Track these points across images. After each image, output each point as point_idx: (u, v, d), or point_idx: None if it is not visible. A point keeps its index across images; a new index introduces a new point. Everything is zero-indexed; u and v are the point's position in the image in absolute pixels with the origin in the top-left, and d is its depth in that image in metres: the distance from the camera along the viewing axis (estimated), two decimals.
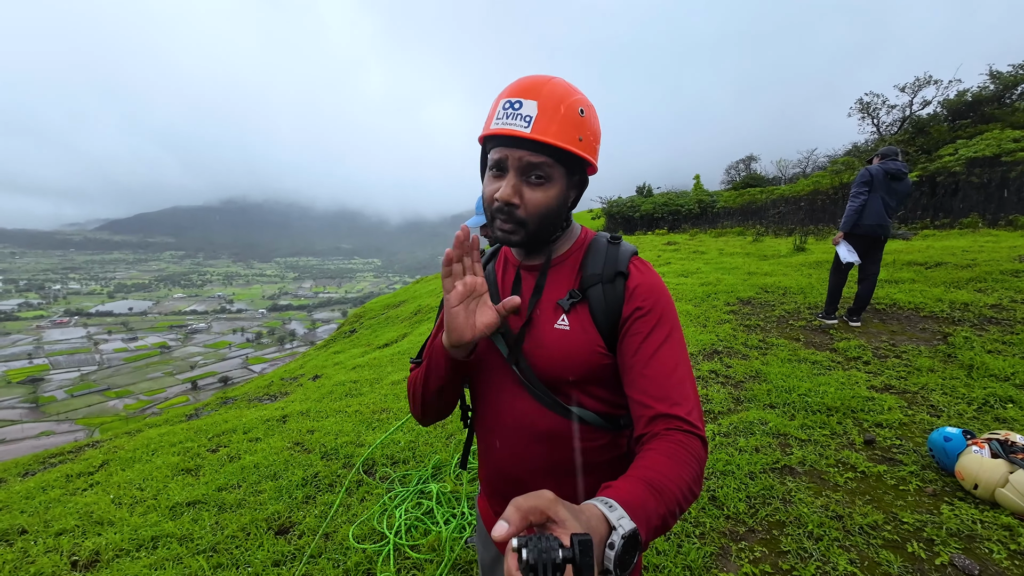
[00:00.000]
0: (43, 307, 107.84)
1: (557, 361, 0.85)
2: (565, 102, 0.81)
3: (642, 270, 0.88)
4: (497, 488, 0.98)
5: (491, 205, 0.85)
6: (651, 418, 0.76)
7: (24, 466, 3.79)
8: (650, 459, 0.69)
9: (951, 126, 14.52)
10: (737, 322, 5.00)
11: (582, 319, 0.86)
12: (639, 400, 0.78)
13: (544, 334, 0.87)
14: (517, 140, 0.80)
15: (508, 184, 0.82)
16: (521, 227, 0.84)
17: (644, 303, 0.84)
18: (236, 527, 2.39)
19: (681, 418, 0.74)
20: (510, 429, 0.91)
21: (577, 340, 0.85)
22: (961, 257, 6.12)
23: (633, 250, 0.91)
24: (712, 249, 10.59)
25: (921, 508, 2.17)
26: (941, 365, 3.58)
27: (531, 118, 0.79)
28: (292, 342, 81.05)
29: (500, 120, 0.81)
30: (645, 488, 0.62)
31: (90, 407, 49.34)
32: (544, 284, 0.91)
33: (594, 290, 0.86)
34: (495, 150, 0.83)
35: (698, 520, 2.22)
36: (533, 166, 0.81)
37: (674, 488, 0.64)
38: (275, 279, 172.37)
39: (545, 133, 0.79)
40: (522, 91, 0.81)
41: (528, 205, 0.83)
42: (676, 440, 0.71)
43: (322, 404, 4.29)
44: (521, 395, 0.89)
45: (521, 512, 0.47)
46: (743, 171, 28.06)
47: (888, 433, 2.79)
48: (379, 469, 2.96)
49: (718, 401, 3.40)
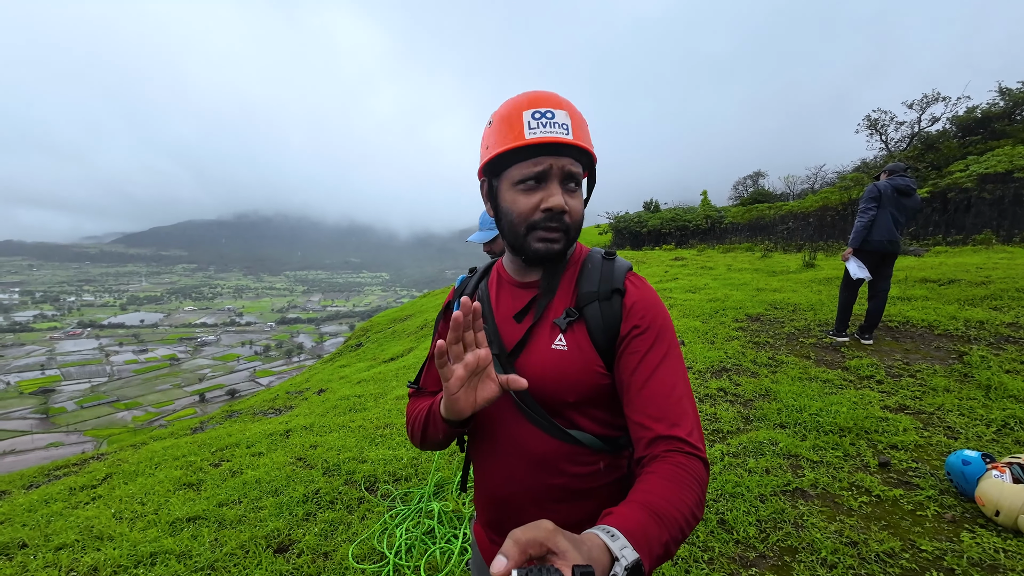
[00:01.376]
0: (57, 319, 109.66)
1: (555, 383, 0.83)
2: (579, 113, 0.84)
3: (639, 286, 0.87)
4: (493, 515, 0.95)
5: (530, 217, 0.82)
6: (651, 440, 0.74)
7: (29, 478, 3.80)
8: (651, 483, 0.67)
9: (961, 142, 14.43)
10: (746, 339, 4.93)
11: (579, 338, 0.83)
12: (638, 421, 0.76)
13: (541, 355, 0.84)
14: (558, 148, 0.80)
15: (558, 192, 0.80)
16: (566, 235, 0.83)
17: (642, 321, 0.82)
18: (235, 544, 2.36)
19: (681, 439, 0.72)
20: (506, 454, 0.88)
21: (575, 361, 0.82)
22: (975, 274, 6.01)
23: (628, 266, 0.90)
24: (720, 265, 10.52)
25: (940, 535, 2.08)
26: (957, 385, 3.48)
27: (568, 126, 0.80)
28: (300, 355, 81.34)
29: (536, 130, 0.79)
30: (647, 514, 0.60)
31: (99, 418, 49.64)
32: (552, 301, 0.88)
33: (591, 308, 0.84)
34: (528, 162, 0.80)
35: (706, 544, 2.15)
36: (571, 175, 0.82)
37: (676, 514, 0.63)
38: (284, 292, 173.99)
39: (580, 139, 0.81)
40: (546, 102, 0.81)
41: (573, 212, 0.83)
42: (677, 462, 0.70)
43: (326, 419, 4.27)
44: (517, 419, 0.86)
45: (520, 546, 0.46)
46: (751, 187, 28.04)
47: (903, 455, 2.70)
48: (381, 486, 2.92)
49: (727, 420, 3.32)
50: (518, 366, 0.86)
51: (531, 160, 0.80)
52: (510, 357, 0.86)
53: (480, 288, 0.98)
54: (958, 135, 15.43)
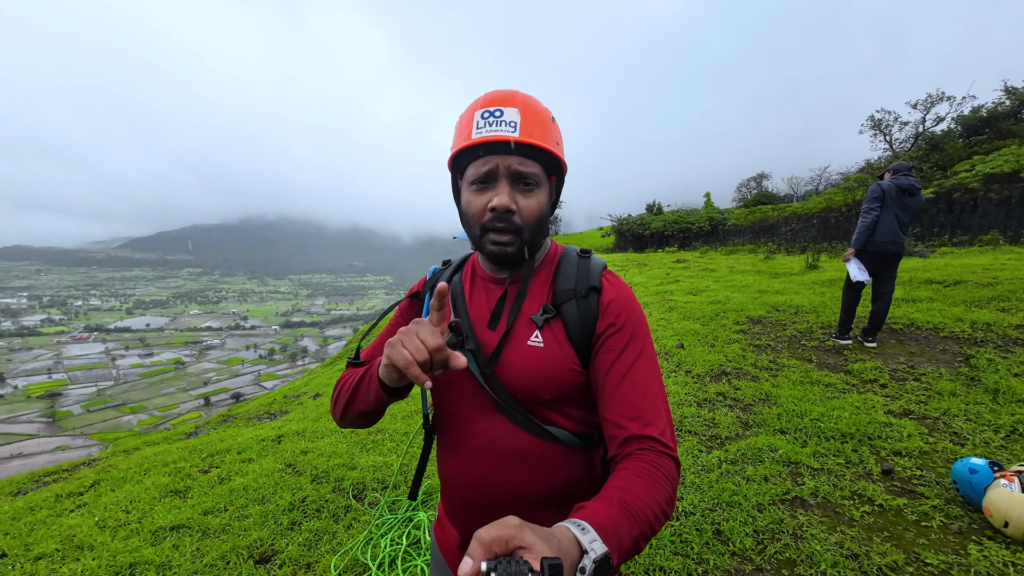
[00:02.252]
0: (64, 323, 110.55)
1: (531, 379, 0.82)
2: (540, 110, 0.82)
3: (615, 284, 0.87)
4: (462, 515, 0.93)
5: (481, 218, 0.81)
6: (625, 439, 0.74)
7: (18, 484, 3.76)
8: (623, 479, 0.67)
9: (966, 142, 14.28)
10: (747, 342, 4.83)
11: (556, 335, 0.83)
12: (612, 420, 0.77)
13: (517, 351, 0.83)
14: (506, 147, 0.78)
15: (503, 191, 0.79)
16: (518, 236, 0.81)
17: (617, 319, 0.82)
18: (216, 555, 2.30)
19: (654, 438, 0.73)
20: (479, 454, 0.86)
21: (552, 357, 0.82)
22: (982, 275, 5.89)
23: (603, 264, 0.90)
24: (722, 267, 10.42)
25: (946, 547, 1.99)
26: (964, 389, 3.38)
27: (516, 123, 0.78)
28: (304, 359, 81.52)
29: (482, 129, 0.78)
30: (618, 509, 0.61)
31: (105, 422, 49.90)
32: (526, 295, 0.87)
33: (568, 306, 0.84)
34: (478, 162, 0.80)
35: (701, 556, 2.07)
36: (522, 174, 0.80)
37: (647, 510, 0.64)
38: (288, 296, 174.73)
39: (532, 136, 0.79)
40: (498, 100, 0.80)
41: (524, 212, 0.81)
42: (649, 460, 0.71)
43: (319, 424, 4.22)
44: (493, 415, 0.85)
45: (484, 545, 0.46)
46: (754, 188, 27.89)
47: (908, 463, 2.61)
48: (369, 494, 2.86)
49: (725, 425, 3.24)
50: (498, 362, 0.84)
51: (480, 160, 0.80)
52: (492, 356, 0.84)
53: (454, 281, 0.95)
54: (963, 135, 15.26)
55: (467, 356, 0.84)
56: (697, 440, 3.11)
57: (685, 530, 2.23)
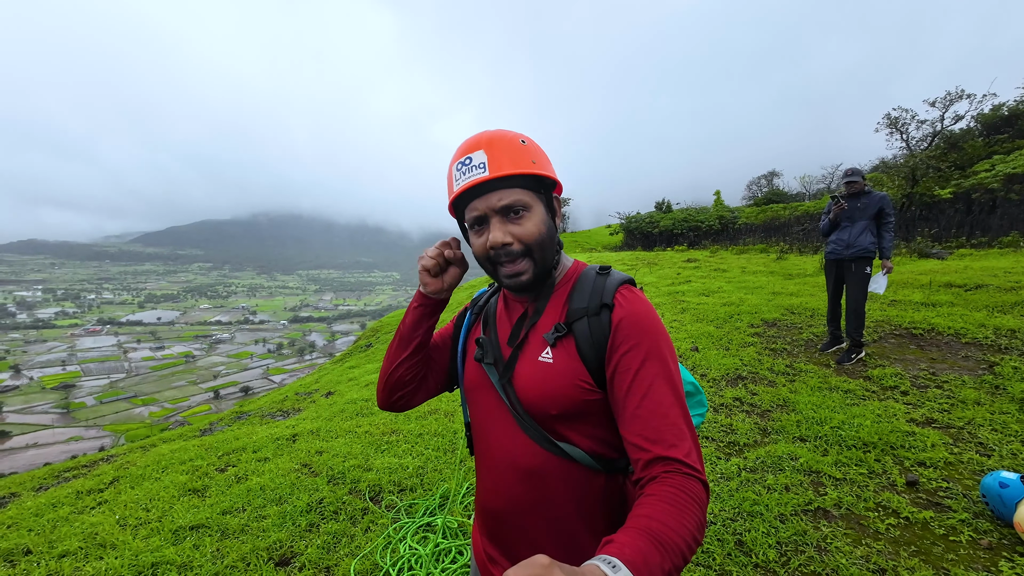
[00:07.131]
0: (78, 316, 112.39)
1: (539, 394, 0.85)
2: (505, 139, 0.86)
3: (630, 300, 0.85)
4: (486, 523, 0.98)
5: (486, 257, 0.87)
6: (648, 462, 0.73)
7: (40, 480, 3.82)
8: (651, 507, 0.66)
9: (986, 141, 13.96)
10: (762, 345, 4.78)
11: (567, 353, 0.85)
12: (634, 443, 0.76)
13: (528, 366, 0.88)
14: (483, 188, 0.84)
15: (495, 229, 0.84)
16: (528, 259, 0.85)
17: (630, 336, 0.81)
18: (236, 556, 2.31)
19: (680, 460, 0.72)
20: (500, 462, 0.91)
21: (559, 373, 0.84)
22: (1004, 279, 5.77)
23: (621, 279, 0.89)
24: (734, 267, 10.31)
25: (976, 564, 1.95)
26: (988, 398, 3.31)
27: (484, 163, 0.83)
28: (312, 353, 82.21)
29: (459, 180, 0.85)
30: (647, 541, 0.60)
31: (117, 414, 50.76)
32: (542, 313, 0.91)
33: (580, 324, 0.85)
34: (468, 208, 0.87)
35: (724, 568, 2.05)
36: (507, 207, 0.84)
37: (678, 539, 0.62)
38: (297, 291, 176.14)
39: (502, 169, 0.83)
40: (467, 149, 0.86)
41: (522, 238, 0.84)
42: (676, 484, 0.69)
43: (332, 423, 4.23)
44: (511, 428, 0.89)
45: None
46: (765, 187, 27.53)
47: (933, 474, 2.56)
48: (385, 496, 2.86)
49: (743, 432, 3.20)
50: (513, 376, 0.90)
51: (468, 206, 0.87)
52: (505, 369, 0.91)
53: (491, 303, 1.04)
54: (983, 134, 14.94)
55: (489, 369, 0.93)
56: (715, 447, 3.08)
57: (707, 540, 2.21)
